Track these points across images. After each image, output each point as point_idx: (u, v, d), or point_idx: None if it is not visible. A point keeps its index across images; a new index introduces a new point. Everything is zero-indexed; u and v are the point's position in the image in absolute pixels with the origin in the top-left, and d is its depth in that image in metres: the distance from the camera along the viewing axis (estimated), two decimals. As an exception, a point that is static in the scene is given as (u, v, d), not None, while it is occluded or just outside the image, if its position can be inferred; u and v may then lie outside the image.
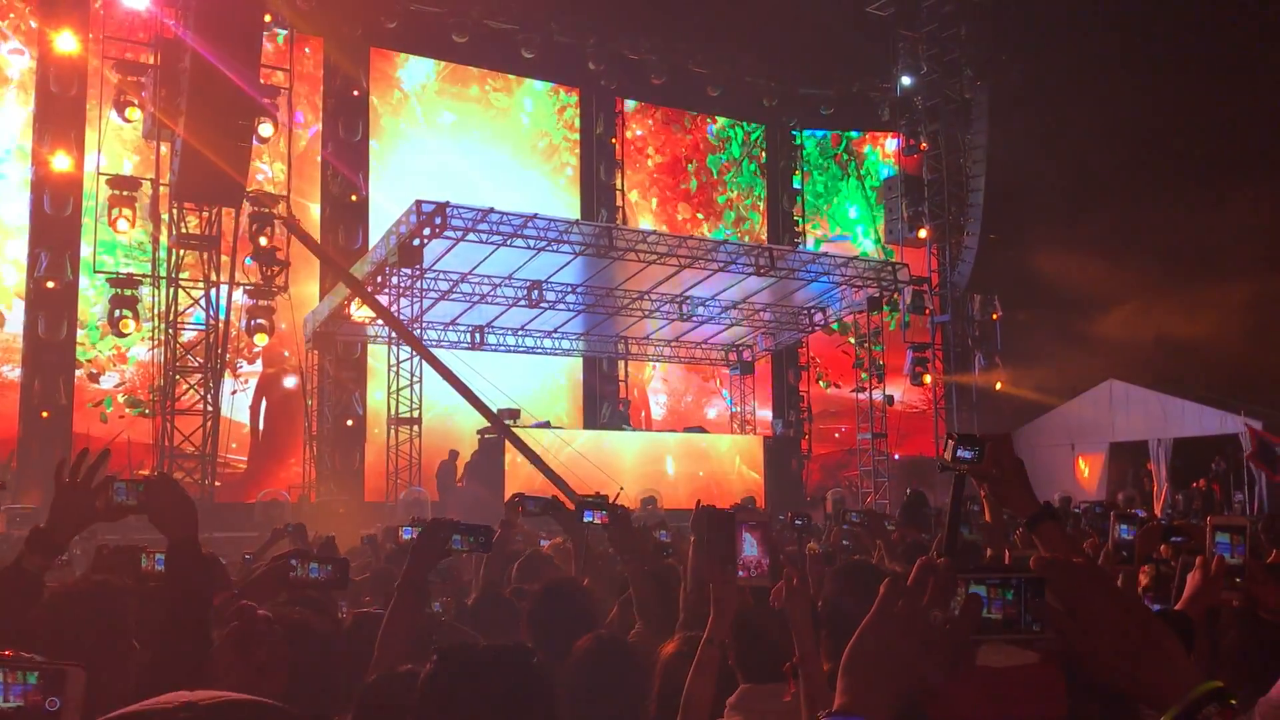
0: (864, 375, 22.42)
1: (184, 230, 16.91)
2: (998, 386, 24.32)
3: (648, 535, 6.46)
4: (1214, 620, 2.90)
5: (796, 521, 7.44)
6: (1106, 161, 23.64)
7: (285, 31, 19.94)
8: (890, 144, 27.13)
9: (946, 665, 1.18)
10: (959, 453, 3.86)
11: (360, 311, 19.79)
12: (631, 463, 19.89)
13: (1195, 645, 2.74)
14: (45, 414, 18.07)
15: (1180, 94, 22.64)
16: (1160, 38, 22.61)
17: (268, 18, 17.07)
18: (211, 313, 17.18)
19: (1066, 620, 1.19)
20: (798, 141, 27.40)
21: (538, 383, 22.88)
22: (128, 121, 17.34)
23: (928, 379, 24.25)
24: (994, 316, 24.37)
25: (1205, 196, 23.20)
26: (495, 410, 19.42)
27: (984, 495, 3.06)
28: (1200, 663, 2.72)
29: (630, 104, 25.43)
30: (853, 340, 24.30)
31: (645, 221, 25.19)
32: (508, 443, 18.05)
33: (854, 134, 27.92)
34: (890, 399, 22.60)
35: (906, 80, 25.47)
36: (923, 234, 24.89)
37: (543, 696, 2.20)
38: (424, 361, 17.43)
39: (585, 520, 5.16)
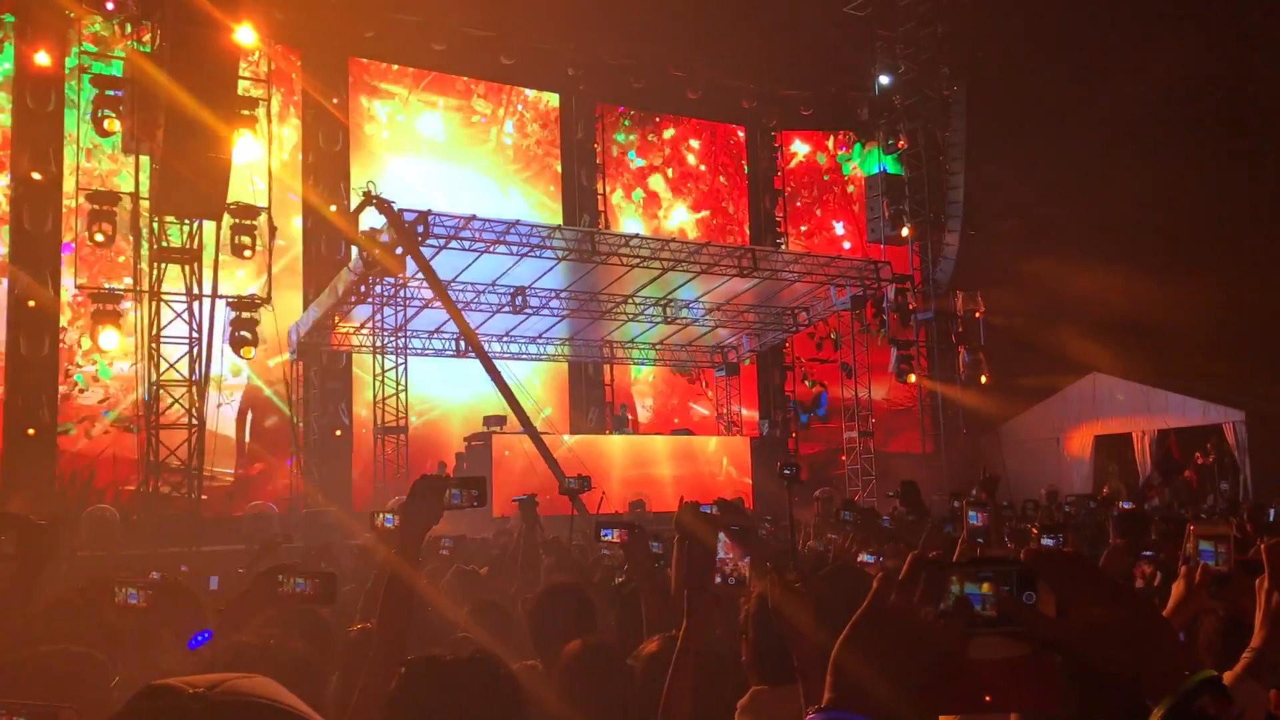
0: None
1: (164, 244, 16.84)
2: (983, 381, 24.42)
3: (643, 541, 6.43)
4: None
5: (785, 471, 7.19)
6: (1085, 154, 23.77)
7: (261, 48, 19.86)
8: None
9: (938, 660, 1.20)
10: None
11: (345, 324, 19.78)
12: (618, 466, 19.90)
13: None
14: (31, 431, 17.99)
15: (1161, 83, 22.79)
16: (1138, 29, 22.74)
17: (246, 34, 16.97)
18: (194, 326, 17.11)
19: (1059, 610, 1.20)
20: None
21: (523, 389, 22.85)
22: (107, 134, 17.25)
23: (912, 377, 24.34)
24: (977, 314, 24.46)
25: (1190, 185, 23.34)
26: (483, 417, 19.43)
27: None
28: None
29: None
30: (833, 338, 24.49)
31: (632, 220, 25.22)
32: (493, 450, 18.12)
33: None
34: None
35: (885, 80, 25.57)
36: (905, 232, 24.99)
37: (512, 707, 2.17)
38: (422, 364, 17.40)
39: (604, 537, 5.15)
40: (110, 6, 17.60)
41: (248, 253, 17.58)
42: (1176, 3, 21.94)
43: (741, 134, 27.43)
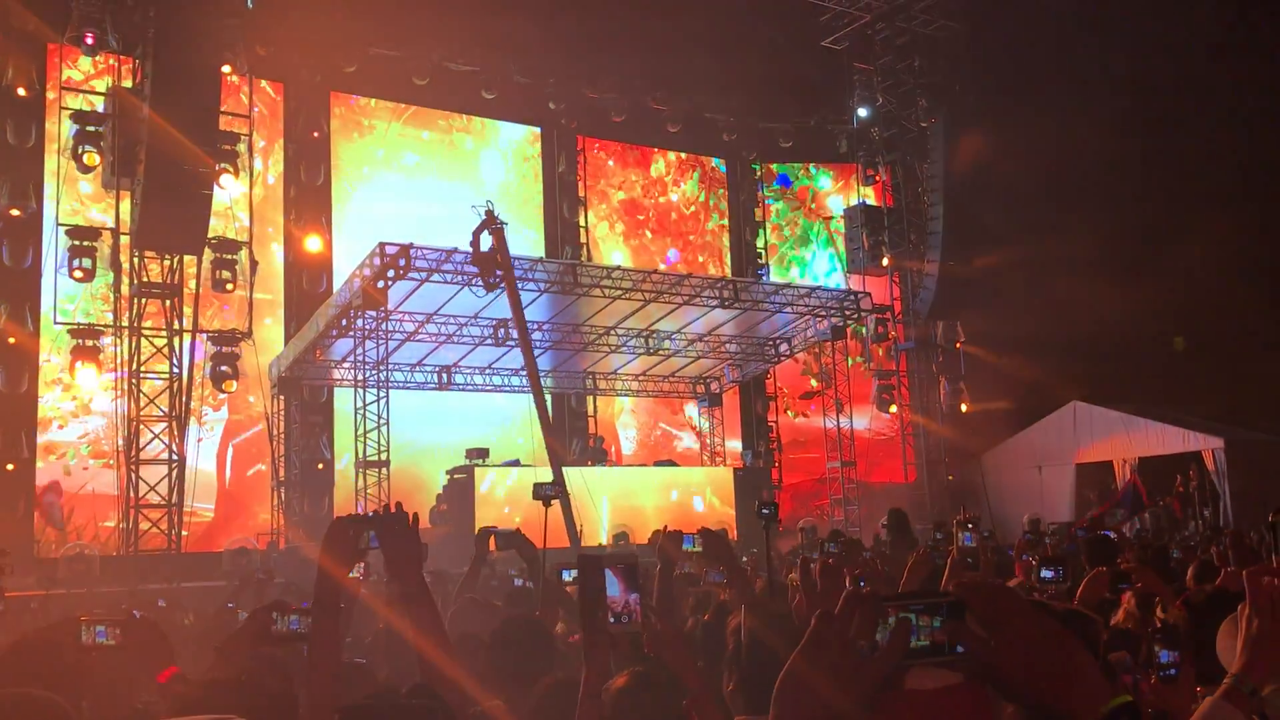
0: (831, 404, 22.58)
1: (145, 279, 16.84)
2: (963, 410, 24.54)
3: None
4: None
5: (763, 511, 7.09)
6: (1063, 182, 24.05)
7: (243, 82, 19.95)
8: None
9: (875, 692, 1.23)
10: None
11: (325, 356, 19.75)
12: (602, 497, 19.86)
13: None
14: (11, 466, 17.88)
15: (1136, 117, 23.13)
16: (1115, 62, 23.07)
17: (227, 68, 17.11)
18: (175, 361, 17.08)
19: (986, 641, 1.25)
20: (758, 171, 27.71)
21: (506, 421, 22.84)
22: (87, 170, 17.24)
23: (894, 408, 24.45)
24: (957, 344, 24.60)
25: (1167, 215, 23.61)
26: (465, 449, 19.38)
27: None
28: None
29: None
30: (813, 380, 24.69)
31: (616, 252, 25.32)
32: (477, 481, 18.14)
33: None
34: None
35: (863, 112, 25.82)
36: (884, 262, 25.15)
37: None
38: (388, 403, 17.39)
39: (564, 579, 5.15)
40: (90, 41, 17.64)
41: (229, 286, 17.62)
42: (1148, 32, 22.25)
43: (722, 166, 27.63)
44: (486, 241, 16.27)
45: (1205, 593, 3.43)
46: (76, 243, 16.80)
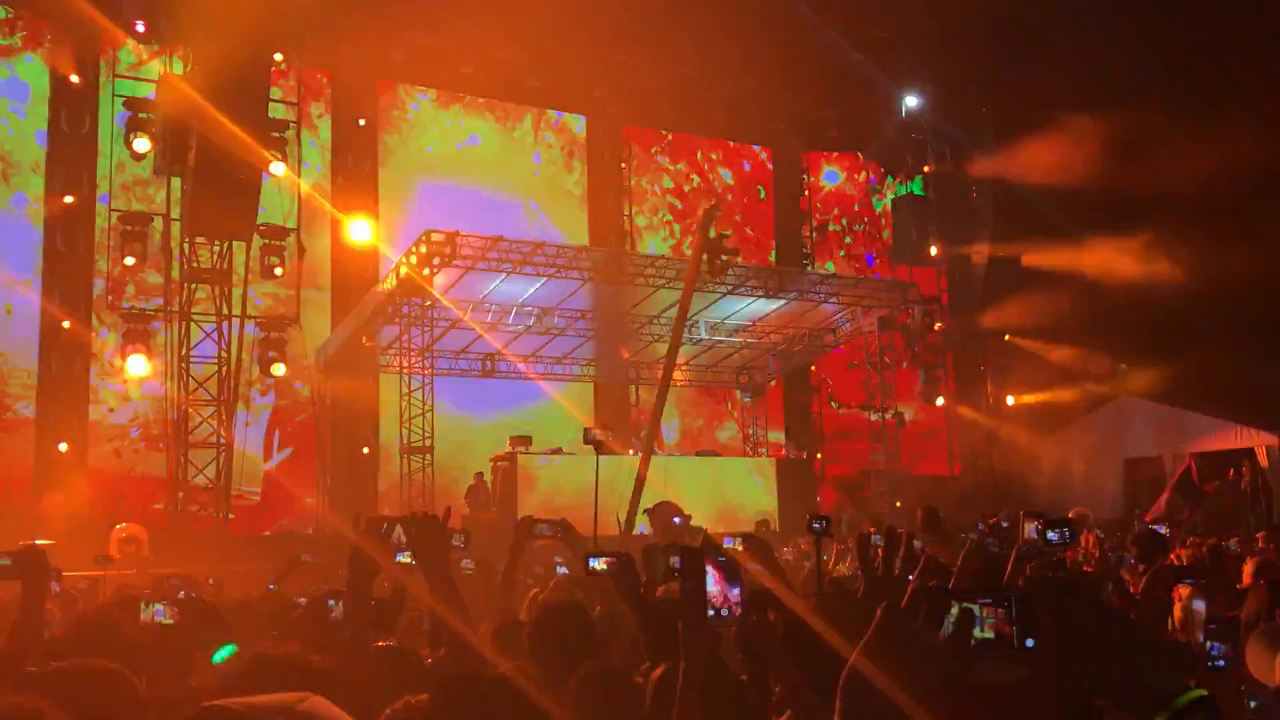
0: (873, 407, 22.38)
1: (195, 264, 17.02)
2: (1009, 403, 24.27)
3: (663, 557, 6.39)
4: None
5: (814, 525, 7.05)
6: (1116, 173, 23.65)
7: (292, 70, 20.06)
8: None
9: (941, 685, 1.20)
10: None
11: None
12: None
13: None
14: (64, 447, 18.16)
15: (1195, 104, 22.70)
16: (1167, 52, 22.65)
17: (278, 56, 17.24)
18: (224, 346, 17.26)
19: (1056, 634, 1.21)
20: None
21: (549, 409, 22.87)
22: (139, 156, 17.41)
23: (939, 400, 24.21)
24: (1005, 337, 24.31)
25: (1220, 209, 23.14)
26: (509, 437, 19.42)
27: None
28: None
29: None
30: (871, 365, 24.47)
31: (656, 243, 25.26)
32: (519, 470, 18.20)
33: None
34: (901, 417, 22.47)
35: (912, 101, 25.55)
36: (933, 252, 24.89)
37: None
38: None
39: (591, 566, 5.15)
40: (141, 29, 17.84)
41: (278, 272, 17.76)
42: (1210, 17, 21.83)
43: (768, 155, 27.47)
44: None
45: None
46: (128, 228, 17.02)
